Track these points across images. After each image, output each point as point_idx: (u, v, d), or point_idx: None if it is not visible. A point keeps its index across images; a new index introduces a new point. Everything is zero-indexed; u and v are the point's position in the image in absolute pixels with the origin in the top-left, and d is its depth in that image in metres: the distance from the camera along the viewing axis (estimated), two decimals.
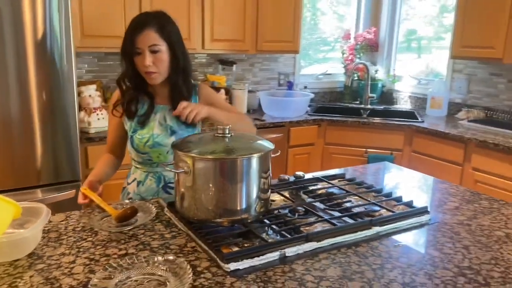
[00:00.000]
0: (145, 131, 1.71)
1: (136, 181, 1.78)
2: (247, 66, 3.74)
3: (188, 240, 1.31)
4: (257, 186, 1.34)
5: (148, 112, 1.71)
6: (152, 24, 1.60)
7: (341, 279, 1.12)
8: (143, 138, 1.70)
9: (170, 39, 1.63)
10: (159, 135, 1.70)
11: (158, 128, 1.71)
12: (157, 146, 1.70)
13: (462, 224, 1.49)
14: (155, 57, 1.60)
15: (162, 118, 1.72)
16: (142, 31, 1.58)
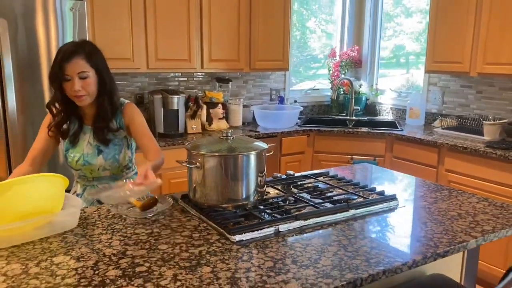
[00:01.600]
0: (76, 150, 1.91)
1: (75, 194, 2.01)
2: (242, 83, 4.09)
3: (200, 222, 1.62)
4: (255, 178, 1.66)
5: (77, 132, 1.91)
6: (80, 52, 1.77)
7: (323, 245, 1.44)
8: (75, 156, 1.91)
9: (97, 65, 1.82)
10: (88, 154, 1.90)
11: (87, 147, 1.91)
12: (87, 164, 1.91)
13: (424, 208, 1.82)
14: (84, 82, 1.77)
15: (91, 138, 1.91)
16: (71, 59, 1.74)
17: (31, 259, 1.32)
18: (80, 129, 1.93)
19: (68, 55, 1.75)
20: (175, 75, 3.75)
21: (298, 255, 1.36)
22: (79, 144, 1.93)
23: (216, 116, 3.61)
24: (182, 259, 1.33)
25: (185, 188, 2.82)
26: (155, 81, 3.67)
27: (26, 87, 2.52)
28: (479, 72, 3.26)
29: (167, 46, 3.31)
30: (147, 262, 1.31)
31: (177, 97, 3.31)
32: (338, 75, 4.46)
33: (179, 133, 3.34)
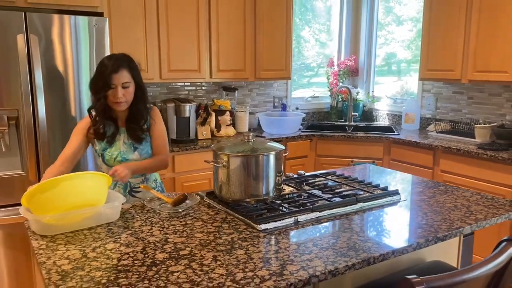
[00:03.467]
0: (113, 149, 2.15)
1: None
2: (247, 92, 4.31)
3: (227, 215, 1.83)
4: (274, 176, 1.87)
5: (114, 133, 2.16)
6: (125, 66, 2.05)
7: (338, 232, 1.65)
8: (113, 154, 2.15)
9: (136, 77, 2.10)
10: (125, 151, 2.16)
11: (123, 146, 2.17)
12: (124, 160, 2.15)
13: (424, 201, 2.04)
14: (125, 91, 2.05)
15: (126, 137, 2.17)
16: (118, 71, 2.01)
17: (86, 246, 1.52)
18: (117, 131, 2.17)
19: (116, 67, 2.02)
20: (184, 84, 3.97)
21: (317, 240, 1.57)
22: (115, 144, 2.17)
23: (224, 123, 3.83)
24: (217, 244, 1.53)
25: (197, 190, 3.03)
26: (166, 91, 3.88)
27: (54, 96, 2.72)
28: (470, 79, 3.51)
29: (178, 58, 3.52)
30: (188, 247, 1.51)
31: (189, 105, 3.52)
32: (337, 83, 4.70)
33: (190, 139, 3.54)
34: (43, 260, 1.42)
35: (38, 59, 2.62)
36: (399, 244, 1.55)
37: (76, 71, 2.78)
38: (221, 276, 1.30)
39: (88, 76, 2.81)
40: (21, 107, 2.63)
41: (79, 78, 2.79)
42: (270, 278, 1.30)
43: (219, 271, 1.34)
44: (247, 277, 1.30)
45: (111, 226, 1.71)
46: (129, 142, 2.18)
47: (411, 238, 1.60)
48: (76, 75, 2.78)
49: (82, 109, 2.82)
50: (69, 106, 2.78)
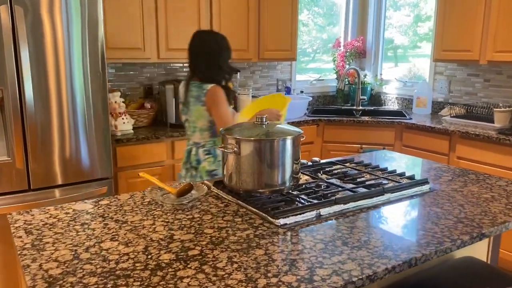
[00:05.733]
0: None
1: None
2: (249, 74, 4.07)
3: (239, 207, 1.61)
4: (291, 163, 1.65)
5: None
6: None
7: (368, 228, 1.44)
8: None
9: None
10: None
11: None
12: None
13: (456, 191, 1.83)
14: None
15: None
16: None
17: (79, 245, 1.30)
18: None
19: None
20: (183, 65, 3.72)
21: (346, 237, 1.36)
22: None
23: None
24: (232, 243, 1.32)
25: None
26: (164, 72, 3.64)
27: (43, 76, 2.47)
28: (489, 60, 3.29)
29: (177, 36, 3.27)
30: (197, 246, 1.29)
31: None
32: (344, 65, 4.47)
33: None
34: (27, 263, 1.20)
35: (24, 34, 2.37)
36: (441, 242, 1.34)
37: (67, 48, 2.52)
38: (240, 283, 1.09)
39: (81, 53, 2.56)
40: (6, 87, 2.38)
41: (70, 55, 2.54)
42: (299, 285, 1.08)
43: (237, 276, 1.12)
44: (271, 284, 1.09)
45: (107, 220, 1.49)
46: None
47: (453, 235, 1.39)
48: (67, 52, 2.52)
49: (74, 89, 2.57)
50: (59, 87, 2.53)
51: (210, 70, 2.29)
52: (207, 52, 2.31)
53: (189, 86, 2.31)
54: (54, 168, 2.58)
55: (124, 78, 3.47)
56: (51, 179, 2.58)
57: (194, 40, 2.36)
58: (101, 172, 2.73)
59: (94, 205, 1.64)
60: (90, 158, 2.68)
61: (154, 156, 3.04)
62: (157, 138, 3.03)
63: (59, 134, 2.57)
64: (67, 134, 2.59)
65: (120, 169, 2.91)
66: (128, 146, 2.93)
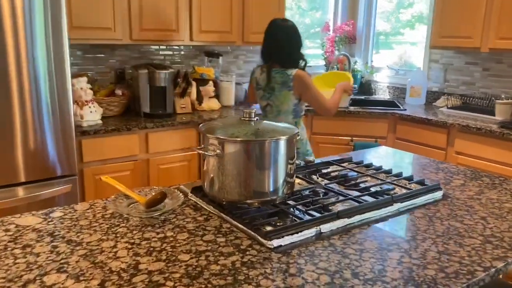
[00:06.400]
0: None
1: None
2: (232, 58, 3.75)
3: (222, 221, 1.33)
4: (284, 167, 1.37)
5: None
6: None
7: (380, 251, 1.18)
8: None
9: None
10: None
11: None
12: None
13: (473, 199, 1.58)
14: None
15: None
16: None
17: (14, 280, 1.00)
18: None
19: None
20: (159, 48, 3.38)
21: (356, 265, 1.10)
22: None
23: (207, 95, 3.28)
24: (213, 275, 1.04)
25: (176, 175, 2.56)
26: (137, 55, 3.29)
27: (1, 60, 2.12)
28: (491, 47, 3.05)
29: (152, 15, 2.93)
30: (169, 281, 1.01)
31: (165, 72, 2.95)
32: (333, 51, 4.19)
33: (167, 113, 3.00)
34: None
35: None
36: (471, 270, 1.08)
37: (29, 28, 2.17)
38: None
39: (43, 34, 2.22)
40: None
41: (32, 38, 2.19)
42: None
43: None
44: None
45: (58, 240, 1.19)
46: None
47: (484, 260, 1.14)
48: (29, 34, 2.17)
49: (37, 74, 2.23)
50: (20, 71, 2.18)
51: (291, 57, 2.40)
52: (288, 39, 2.42)
53: (271, 72, 2.37)
54: (15, 164, 2.25)
55: (92, 61, 3.11)
56: (12, 176, 2.25)
57: (273, 28, 2.48)
58: (65, 168, 2.41)
59: (44, 219, 1.33)
60: (53, 153, 2.35)
61: (126, 150, 2.72)
62: (129, 130, 2.71)
63: (21, 125, 2.23)
64: (29, 125, 2.26)
65: (87, 164, 2.59)
66: (96, 139, 2.60)
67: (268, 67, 2.41)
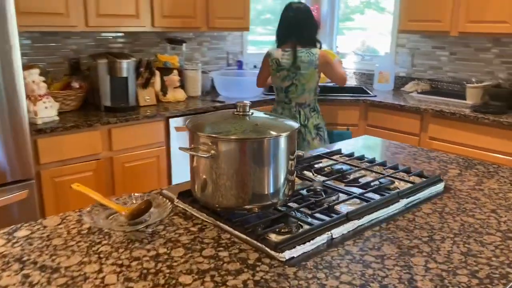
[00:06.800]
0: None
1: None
2: (196, 45, 3.54)
3: (220, 231, 1.17)
4: (285, 166, 1.23)
5: None
6: None
7: (402, 256, 1.07)
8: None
9: None
10: None
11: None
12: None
13: (475, 190, 1.51)
14: None
15: None
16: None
17: None
18: None
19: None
20: (117, 35, 3.12)
21: (381, 276, 0.98)
22: None
23: (172, 85, 3.07)
24: None
25: (144, 174, 2.37)
26: (93, 43, 3.02)
27: None
28: (461, 31, 3.04)
29: None
30: None
31: (127, 61, 2.71)
32: None
33: (130, 106, 2.77)
34: None
35: None
36: (503, 275, 0.99)
37: None
38: None
39: None
40: None
41: None
42: None
43: None
44: None
45: (28, 267, 0.99)
46: None
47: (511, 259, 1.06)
48: None
49: None
50: None
51: (312, 38, 2.64)
52: (310, 21, 2.64)
53: (296, 52, 2.55)
54: None
55: (43, 51, 2.81)
56: None
57: (293, 10, 2.63)
58: (19, 172, 2.14)
59: (7, 240, 1.12)
60: (4, 155, 2.08)
61: (87, 148, 2.47)
62: (90, 126, 2.47)
63: None
64: None
65: (44, 166, 2.33)
66: (53, 137, 2.34)
67: (293, 47, 2.57)
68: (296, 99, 2.65)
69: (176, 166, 2.87)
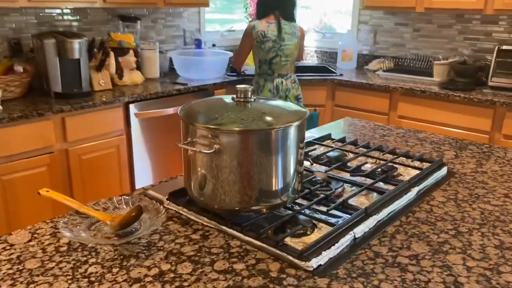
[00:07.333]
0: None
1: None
2: (150, 23, 3.26)
3: (227, 238, 1.01)
4: (295, 158, 1.08)
5: None
6: None
7: (436, 254, 0.96)
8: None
9: None
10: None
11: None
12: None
13: (479, 173, 1.44)
14: None
15: None
16: None
17: None
18: None
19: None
20: (63, 12, 2.79)
21: (424, 281, 0.87)
22: None
23: (128, 66, 2.80)
24: None
25: (104, 166, 2.21)
26: (36, 21, 2.67)
27: None
28: (427, 7, 2.99)
29: None
30: None
31: (78, 41, 2.41)
32: None
33: (84, 92, 2.48)
34: None
35: None
36: None
37: None
38: None
39: None
40: None
41: None
42: None
43: None
44: None
45: None
46: None
47: None
48: None
49: None
50: None
51: (293, 12, 2.78)
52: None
53: (281, 24, 2.67)
54: None
55: None
56: None
57: None
58: None
59: None
60: None
61: (39, 141, 2.19)
62: (41, 115, 2.18)
63: None
64: None
65: None
66: None
67: (277, 19, 2.67)
68: (278, 71, 2.73)
69: (138, 155, 2.64)
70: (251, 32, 2.70)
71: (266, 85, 2.75)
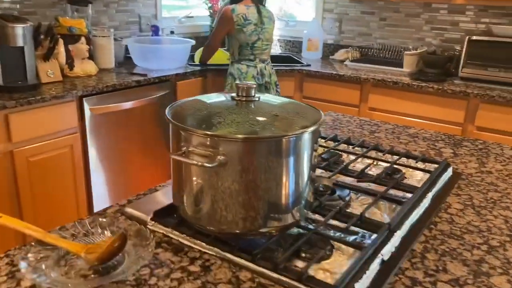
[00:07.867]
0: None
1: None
2: (102, 7, 2.96)
3: (233, 268, 0.83)
4: (308, 166, 0.91)
5: None
6: None
7: (477, 277, 0.84)
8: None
9: None
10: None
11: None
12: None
13: (484, 173, 1.35)
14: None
15: None
16: None
17: None
18: None
19: None
20: None
21: None
22: None
23: (80, 55, 2.51)
24: None
25: (55, 169, 2.02)
26: None
27: None
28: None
29: None
30: None
31: (22, 26, 2.10)
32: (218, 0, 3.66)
33: (31, 85, 2.18)
34: None
35: None
36: None
37: None
38: None
39: None
40: None
41: None
42: None
43: None
44: None
45: None
46: None
47: None
48: None
49: None
50: None
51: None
52: None
53: (259, 7, 2.64)
54: None
55: None
56: None
57: None
58: None
59: None
60: None
61: None
62: None
63: None
64: None
65: None
66: None
67: (255, 2, 2.64)
68: (260, 55, 2.69)
69: (94, 155, 2.37)
70: (231, 16, 2.57)
71: (249, 71, 2.66)
